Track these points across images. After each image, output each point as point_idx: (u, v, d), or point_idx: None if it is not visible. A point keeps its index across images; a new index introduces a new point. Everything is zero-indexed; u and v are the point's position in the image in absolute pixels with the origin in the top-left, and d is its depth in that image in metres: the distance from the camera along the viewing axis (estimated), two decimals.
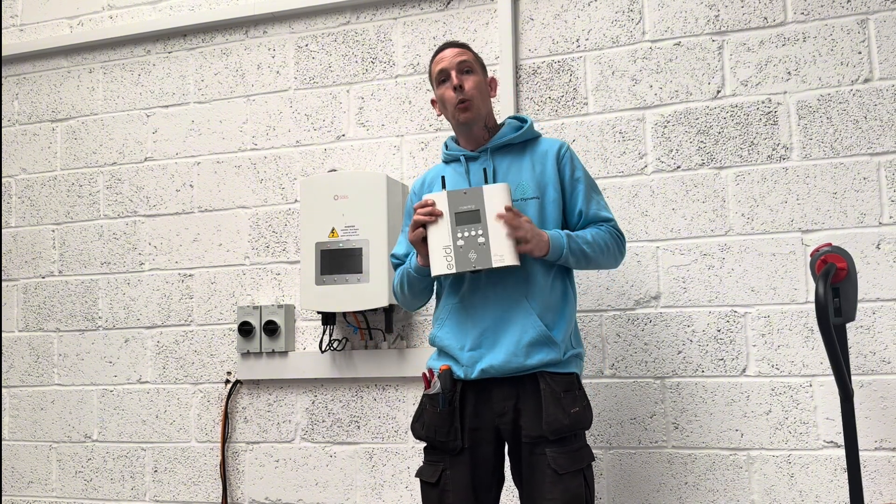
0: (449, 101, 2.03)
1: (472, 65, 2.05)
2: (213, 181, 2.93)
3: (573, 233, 1.97)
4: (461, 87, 2.00)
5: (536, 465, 1.90)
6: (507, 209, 1.88)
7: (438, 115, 2.09)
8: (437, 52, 2.09)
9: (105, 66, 3.11)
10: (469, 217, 1.91)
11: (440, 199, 1.94)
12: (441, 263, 1.91)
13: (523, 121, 2.09)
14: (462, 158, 2.06)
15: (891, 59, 2.31)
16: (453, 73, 2.02)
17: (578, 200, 2.03)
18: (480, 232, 1.90)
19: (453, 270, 1.90)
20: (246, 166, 2.90)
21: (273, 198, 2.85)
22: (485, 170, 1.98)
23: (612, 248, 2.02)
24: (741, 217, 2.39)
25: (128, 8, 3.10)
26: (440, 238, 1.92)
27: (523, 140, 2.06)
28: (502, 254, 1.87)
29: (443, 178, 2.01)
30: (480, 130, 2.05)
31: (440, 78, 2.05)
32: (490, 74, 2.23)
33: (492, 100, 2.11)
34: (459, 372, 1.96)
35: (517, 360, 1.91)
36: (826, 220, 2.32)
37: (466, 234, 1.90)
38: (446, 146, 2.13)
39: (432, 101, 2.13)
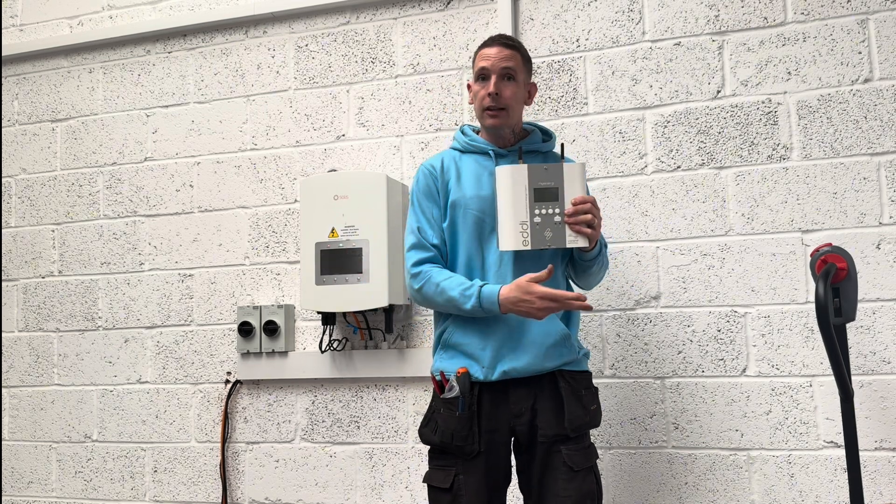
0: (481, 101, 2.01)
1: (516, 72, 2.01)
2: (213, 181, 2.93)
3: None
4: (497, 94, 1.98)
5: (551, 463, 1.90)
6: (584, 199, 1.89)
7: (470, 102, 2.07)
8: (487, 43, 2.03)
9: (105, 66, 3.11)
10: (548, 194, 1.90)
11: (520, 172, 1.91)
12: (515, 239, 1.89)
13: (548, 134, 2.12)
14: (491, 153, 2.04)
15: (891, 59, 2.30)
16: (493, 78, 1.98)
17: None
18: (557, 210, 1.89)
19: (528, 247, 1.89)
20: (246, 166, 2.89)
21: (273, 198, 2.85)
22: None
23: (606, 270, 2.12)
24: (741, 217, 2.38)
25: (128, 8, 3.10)
26: (516, 212, 1.89)
27: (546, 150, 2.10)
28: (575, 235, 1.89)
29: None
30: (507, 134, 2.05)
31: (480, 74, 2.02)
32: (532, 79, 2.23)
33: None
34: (479, 374, 1.92)
35: (539, 362, 1.91)
36: (826, 220, 2.32)
37: (544, 211, 1.89)
38: (463, 132, 2.10)
39: (468, 85, 2.08)
